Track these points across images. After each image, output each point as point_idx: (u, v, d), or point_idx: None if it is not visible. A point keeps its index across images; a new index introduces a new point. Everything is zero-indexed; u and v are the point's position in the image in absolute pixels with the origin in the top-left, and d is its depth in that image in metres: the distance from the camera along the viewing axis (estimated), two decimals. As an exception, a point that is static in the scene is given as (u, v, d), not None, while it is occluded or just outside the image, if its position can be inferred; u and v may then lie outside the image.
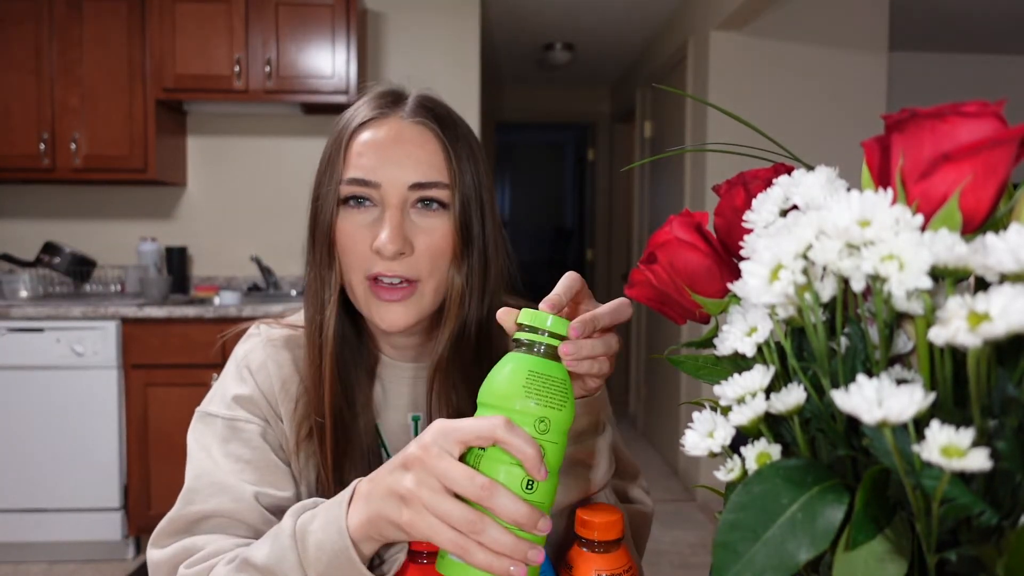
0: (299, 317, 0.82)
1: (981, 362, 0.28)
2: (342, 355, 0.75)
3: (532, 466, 0.47)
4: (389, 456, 0.77)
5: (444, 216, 0.72)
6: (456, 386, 0.76)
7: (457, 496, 0.47)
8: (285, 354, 0.77)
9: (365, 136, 0.72)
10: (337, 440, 0.73)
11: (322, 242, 0.73)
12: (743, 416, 0.36)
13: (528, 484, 0.47)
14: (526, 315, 0.52)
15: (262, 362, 0.76)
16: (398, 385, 0.80)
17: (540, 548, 0.47)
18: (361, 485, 0.55)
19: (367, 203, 0.71)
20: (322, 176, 0.75)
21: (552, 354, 0.51)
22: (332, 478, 0.73)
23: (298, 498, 0.74)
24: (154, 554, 0.66)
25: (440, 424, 0.49)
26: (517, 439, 0.47)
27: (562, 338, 0.52)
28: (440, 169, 0.71)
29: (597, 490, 0.70)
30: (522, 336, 0.52)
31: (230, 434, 0.72)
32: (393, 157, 0.70)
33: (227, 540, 0.64)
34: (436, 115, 0.74)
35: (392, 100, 0.74)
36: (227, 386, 0.76)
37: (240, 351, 0.79)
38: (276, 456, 0.73)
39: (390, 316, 0.71)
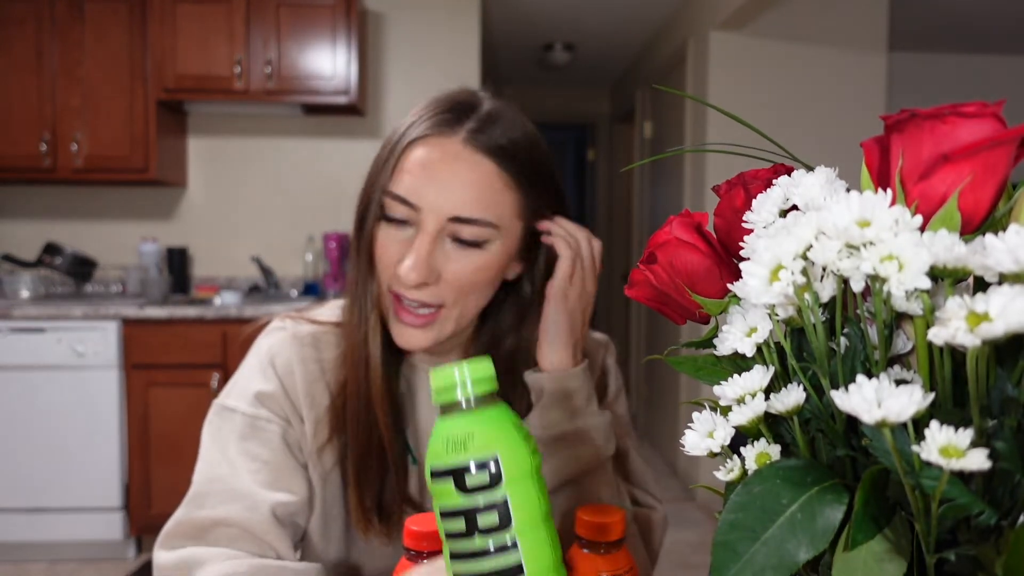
0: (324, 312, 0.80)
1: (980, 362, 0.29)
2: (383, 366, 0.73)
3: None
4: (415, 462, 0.77)
5: (482, 252, 0.68)
6: None
7: None
8: (311, 353, 0.75)
9: (417, 153, 0.67)
10: (368, 454, 0.72)
11: (364, 249, 0.72)
12: (743, 416, 0.36)
13: None
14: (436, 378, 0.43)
15: (287, 359, 0.74)
16: (426, 390, 0.78)
17: None
18: None
19: (406, 223, 0.68)
20: (371, 181, 0.72)
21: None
22: (357, 491, 0.72)
23: (310, 501, 0.73)
24: (160, 556, 0.66)
25: None
26: None
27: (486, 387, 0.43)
28: (487, 206, 0.67)
29: (593, 466, 0.71)
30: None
31: (250, 432, 0.71)
32: (439, 183, 0.66)
33: (229, 563, 0.63)
34: (498, 142, 0.68)
35: (454, 117, 0.68)
36: (249, 381, 0.74)
37: (264, 345, 0.77)
38: (294, 457, 0.72)
39: (408, 337, 0.70)
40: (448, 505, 0.41)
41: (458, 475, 0.40)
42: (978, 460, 0.26)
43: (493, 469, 0.40)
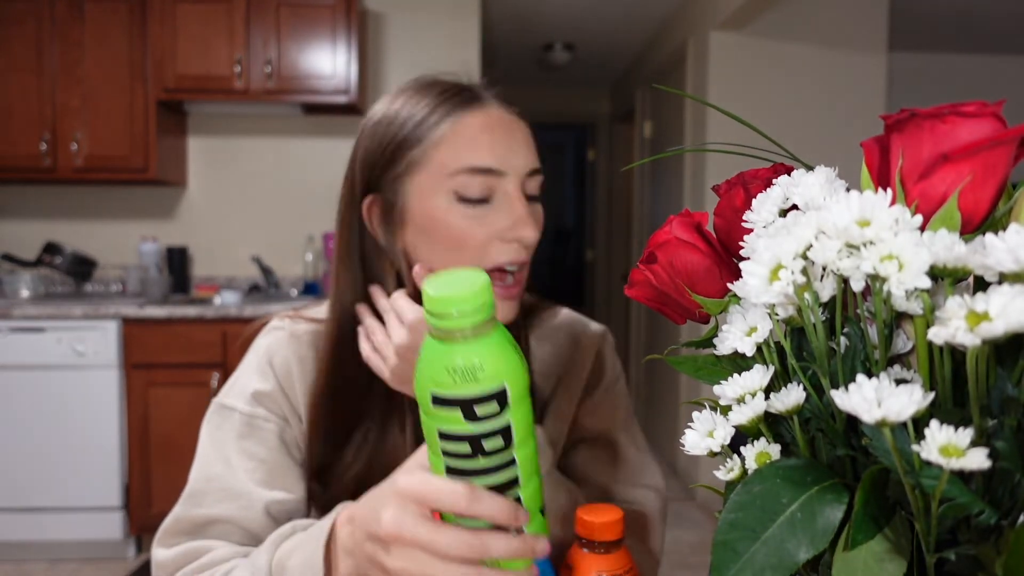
0: (323, 310, 0.80)
1: (980, 362, 0.29)
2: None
3: (509, 521, 0.43)
4: None
5: (539, 209, 0.73)
6: None
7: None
8: (309, 352, 0.76)
9: (470, 122, 0.68)
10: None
11: (358, 246, 0.72)
12: (743, 416, 0.36)
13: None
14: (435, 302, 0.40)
15: (285, 358, 0.75)
16: None
17: (544, 539, 0.45)
18: (342, 534, 0.51)
19: (482, 201, 0.68)
20: (393, 169, 0.69)
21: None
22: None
23: (307, 500, 0.73)
24: (159, 553, 0.66)
25: (402, 492, 0.44)
26: (484, 507, 0.42)
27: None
28: (537, 157, 0.72)
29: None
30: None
31: (247, 431, 0.71)
32: (509, 144, 0.69)
33: (229, 548, 0.64)
34: (516, 109, 0.74)
35: (474, 91, 0.72)
36: (247, 379, 0.74)
37: (262, 344, 0.77)
38: (291, 456, 0.72)
39: (506, 313, 0.70)
40: (452, 430, 0.41)
41: (466, 405, 0.40)
42: (978, 459, 0.26)
43: (501, 398, 0.40)
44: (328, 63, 2.87)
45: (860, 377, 0.29)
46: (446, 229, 0.68)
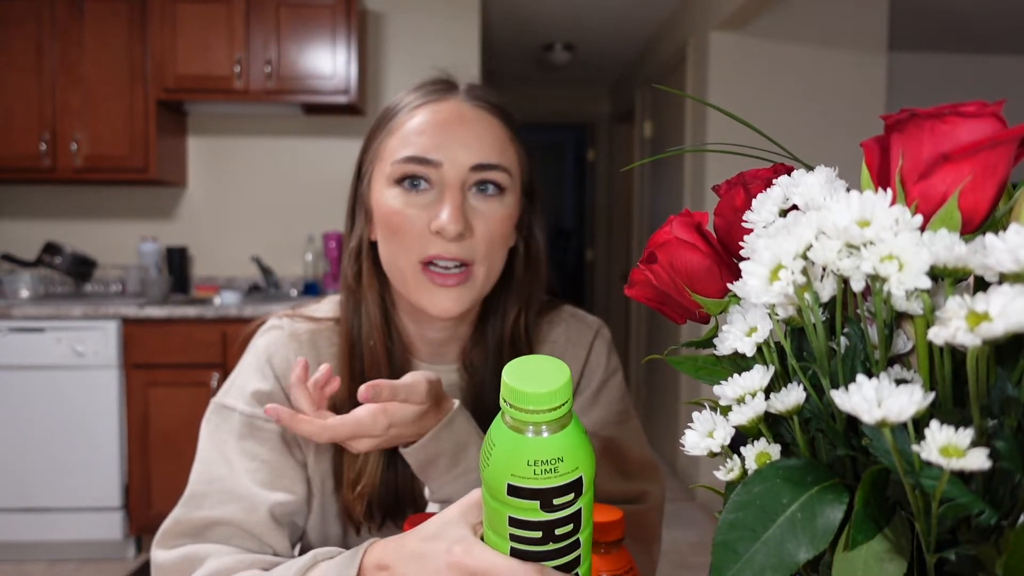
0: (321, 308, 0.80)
1: (980, 362, 0.28)
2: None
3: None
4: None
5: (501, 201, 0.71)
6: (488, 382, 0.77)
7: None
8: (309, 352, 0.75)
9: (423, 115, 0.70)
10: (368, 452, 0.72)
11: (365, 247, 0.73)
12: (743, 416, 0.36)
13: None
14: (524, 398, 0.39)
15: (285, 357, 0.74)
16: None
17: None
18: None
19: (422, 184, 0.69)
20: (366, 163, 0.74)
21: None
22: (355, 488, 0.73)
23: (308, 500, 0.73)
24: (159, 555, 0.66)
25: (470, 570, 0.43)
26: None
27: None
28: (500, 152, 0.70)
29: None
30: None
31: (248, 431, 0.70)
32: (454, 136, 0.69)
33: (231, 557, 0.63)
34: (493, 100, 0.74)
35: (446, 85, 0.74)
36: (247, 379, 0.74)
37: (261, 343, 0.76)
38: (293, 457, 0.72)
39: (443, 303, 0.69)
40: (526, 518, 0.41)
41: (545, 497, 0.40)
42: (978, 460, 0.26)
43: (578, 487, 0.40)
44: (328, 63, 2.87)
45: (860, 377, 0.29)
46: (389, 216, 0.70)
